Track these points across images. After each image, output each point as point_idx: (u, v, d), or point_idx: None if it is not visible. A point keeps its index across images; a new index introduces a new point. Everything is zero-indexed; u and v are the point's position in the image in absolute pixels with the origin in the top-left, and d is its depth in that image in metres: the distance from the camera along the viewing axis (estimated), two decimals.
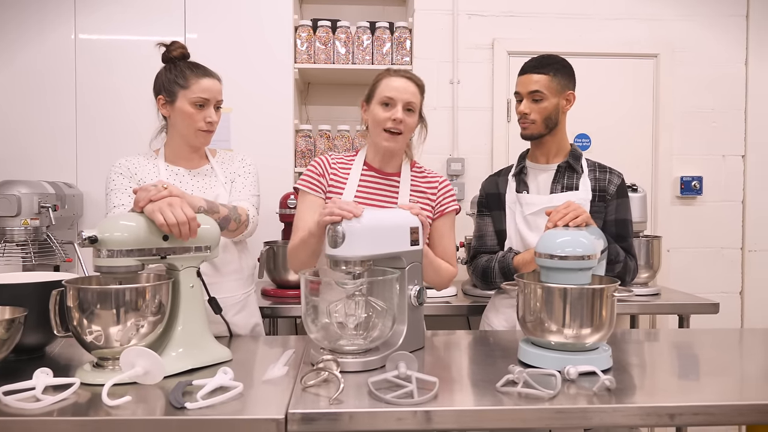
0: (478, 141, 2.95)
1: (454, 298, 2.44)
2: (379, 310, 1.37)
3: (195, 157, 1.76)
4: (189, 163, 1.75)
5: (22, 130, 2.71)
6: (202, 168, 1.76)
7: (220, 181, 1.75)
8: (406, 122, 1.65)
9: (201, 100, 1.66)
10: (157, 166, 1.71)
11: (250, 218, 1.70)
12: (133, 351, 1.20)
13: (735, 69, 3.01)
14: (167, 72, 1.69)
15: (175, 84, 1.66)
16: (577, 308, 1.30)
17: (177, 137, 1.72)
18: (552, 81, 1.77)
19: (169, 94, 1.68)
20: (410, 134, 1.72)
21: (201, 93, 1.66)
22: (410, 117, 1.66)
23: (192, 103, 1.66)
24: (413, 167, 1.78)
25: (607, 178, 1.83)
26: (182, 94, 1.66)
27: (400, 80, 1.65)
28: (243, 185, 1.76)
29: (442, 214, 1.75)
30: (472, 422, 1.11)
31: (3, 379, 1.19)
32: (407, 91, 1.64)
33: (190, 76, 1.66)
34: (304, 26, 2.86)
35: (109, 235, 1.27)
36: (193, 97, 1.65)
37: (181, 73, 1.67)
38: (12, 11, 2.70)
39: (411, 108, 1.66)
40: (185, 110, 1.66)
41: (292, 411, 1.08)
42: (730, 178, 3.03)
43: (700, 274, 3.00)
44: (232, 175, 1.78)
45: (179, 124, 1.69)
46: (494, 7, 2.94)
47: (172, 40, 1.72)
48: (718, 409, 1.14)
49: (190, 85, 1.66)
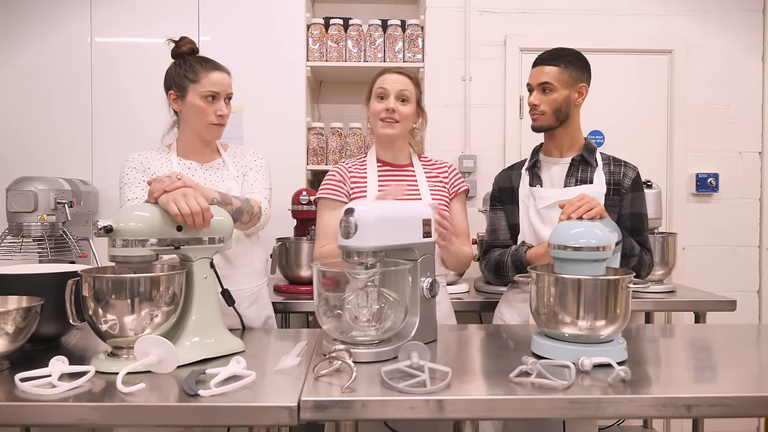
0: (490, 138, 2.94)
1: (466, 294, 2.43)
2: (391, 301, 1.37)
3: (207, 151, 1.77)
4: (201, 157, 1.76)
5: (39, 129, 2.75)
6: (214, 162, 1.77)
7: (232, 174, 1.76)
8: (399, 110, 1.77)
9: (211, 94, 1.67)
10: (170, 161, 1.73)
11: (263, 210, 1.71)
12: (148, 339, 1.21)
13: (751, 64, 2.98)
14: (177, 67, 1.71)
15: (185, 78, 1.68)
16: (591, 300, 1.29)
17: (188, 132, 1.74)
18: (563, 73, 1.76)
19: (179, 89, 1.69)
20: (408, 123, 1.82)
21: (211, 86, 1.67)
22: (404, 106, 1.78)
23: (202, 97, 1.67)
24: (420, 158, 1.91)
25: (621, 171, 1.81)
26: (192, 88, 1.67)
27: (392, 75, 1.80)
28: (255, 178, 1.77)
29: (456, 194, 1.88)
30: (484, 411, 1.11)
31: (20, 367, 1.20)
32: (398, 82, 1.78)
33: (199, 70, 1.68)
34: (316, 24, 2.87)
35: (124, 225, 1.28)
36: (203, 90, 1.67)
37: (190, 67, 1.68)
38: (29, 13, 2.75)
39: (404, 98, 1.78)
40: (196, 104, 1.67)
41: (305, 399, 1.08)
42: (746, 175, 2.99)
43: (716, 272, 2.96)
44: (243, 168, 1.79)
45: (190, 118, 1.70)
46: (506, 3, 2.93)
47: (182, 36, 1.73)
48: (735, 401, 1.12)
49: (200, 79, 1.67)
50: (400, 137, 1.82)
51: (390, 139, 1.81)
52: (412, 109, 1.80)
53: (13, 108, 2.75)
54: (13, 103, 2.75)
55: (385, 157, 1.86)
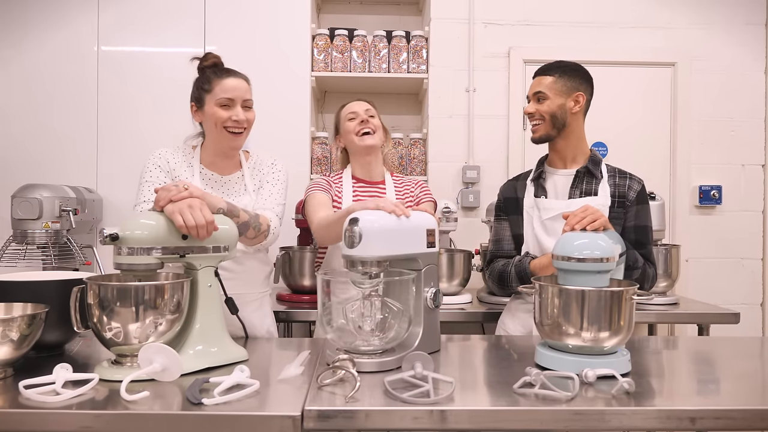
0: (493, 149, 2.95)
1: (469, 305, 2.43)
2: (395, 311, 1.37)
3: (229, 164, 1.79)
4: (222, 170, 1.78)
5: (44, 136, 2.77)
6: (234, 175, 1.79)
7: (249, 189, 1.78)
8: (371, 122, 2.00)
9: (225, 101, 1.69)
10: (193, 167, 1.75)
11: (271, 229, 1.71)
12: (152, 348, 1.21)
13: (754, 77, 2.99)
14: (196, 81, 1.76)
15: (201, 90, 1.72)
16: (595, 311, 1.29)
17: (209, 144, 1.77)
18: (556, 82, 1.79)
19: (198, 101, 1.74)
20: (380, 134, 2.02)
21: (224, 93, 1.69)
22: (374, 120, 2.02)
23: (218, 105, 1.69)
24: (393, 176, 2.09)
25: (627, 183, 1.81)
26: (208, 98, 1.70)
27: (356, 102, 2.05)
28: (270, 193, 1.78)
29: (420, 202, 2.03)
30: (488, 422, 1.10)
31: (24, 374, 1.20)
32: (363, 105, 2.03)
33: (213, 80, 1.71)
34: (321, 35, 2.89)
35: (129, 233, 1.28)
36: (218, 98, 1.69)
37: (206, 78, 1.72)
38: (36, 21, 2.77)
39: (372, 114, 2.03)
40: (212, 112, 1.70)
41: (308, 408, 1.08)
42: (749, 188, 2.99)
43: (719, 284, 2.96)
44: (260, 182, 1.80)
45: (210, 128, 1.73)
46: (510, 15, 2.95)
47: (207, 52, 1.77)
48: (740, 414, 1.11)
49: (214, 88, 1.70)
50: (377, 148, 2.01)
51: (369, 150, 1.99)
52: (380, 123, 2.03)
53: (19, 115, 2.78)
54: (19, 111, 2.78)
55: (361, 174, 2.03)
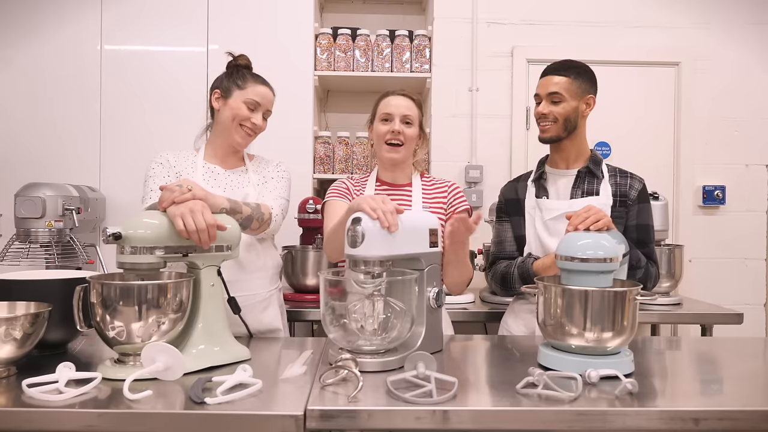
0: (496, 149, 2.95)
1: (471, 305, 2.43)
2: (397, 310, 1.37)
3: (233, 159, 1.82)
4: (226, 164, 1.81)
5: (47, 135, 2.77)
6: (238, 169, 1.82)
7: (252, 182, 1.80)
8: (405, 133, 1.77)
9: (254, 103, 1.75)
10: (195, 163, 1.78)
11: (273, 216, 1.72)
12: (155, 347, 1.21)
13: (758, 77, 2.98)
14: (229, 74, 1.79)
15: (233, 83, 1.76)
16: (598, 311, 1.29)
17: (219, 135, 1.79)
18: (572, 84, 1.76)
19: (225, 91, 1.77)
20: (412, 145, 1.82)
21: (255, 96, 1.75)
22: (409, 129, 1.78)
23: (245, 103, 1.74)
24: (423, 177, 1.88)
25: (628, 183, 1.81)
26: (238, 93, 1.75)
27: (397, 98, 1.80)
28: (274, 187, 1.81)
29: (453, 213, 1.79)
30: (490, 422, 1.10)
31: (27, 373, 1.21)
32: (402, 106, 1.79)
33: (249, 79, 1.77)
34: (324, 34, 2.89)
35: (132, 232, 1.29)
36: (248, 98, 1.75)
37: (242, 76, 1.77)
38: (39, 20, 2.78)
39: (409, 121, 1.78)
40: (237, 107, 1.74)
41: (311, 408, 1.08)
42: (753, 188, 2.98)
43: (723, 285, 2.95)
44: (264, 178, 1.83)
45: (225, 119, 1.76)
46: (514, 15, 2.95)
47: (240, 53, 1.83)
48: (744, 415, 1.11)
49: (247, 87, 1.75)
50: (404, 161, 1.83)
51: (393, 163, 1.82)
52: (416, 132, 1.81)
53: (23, 114, 2.78)
54: (22, 110, 2.78)
55: (386, 177, 1.86)
